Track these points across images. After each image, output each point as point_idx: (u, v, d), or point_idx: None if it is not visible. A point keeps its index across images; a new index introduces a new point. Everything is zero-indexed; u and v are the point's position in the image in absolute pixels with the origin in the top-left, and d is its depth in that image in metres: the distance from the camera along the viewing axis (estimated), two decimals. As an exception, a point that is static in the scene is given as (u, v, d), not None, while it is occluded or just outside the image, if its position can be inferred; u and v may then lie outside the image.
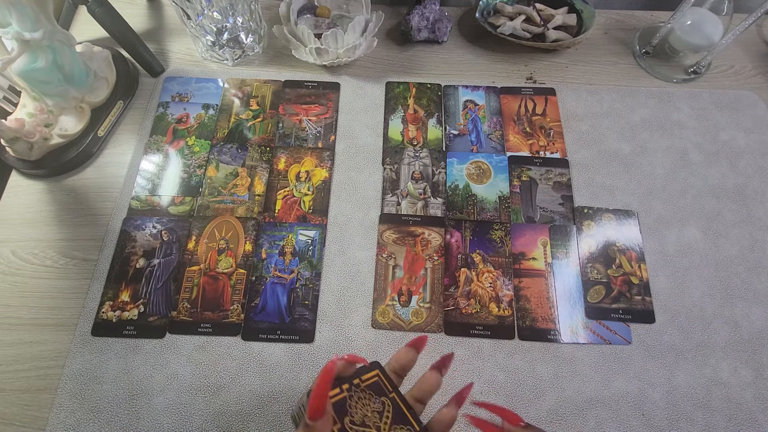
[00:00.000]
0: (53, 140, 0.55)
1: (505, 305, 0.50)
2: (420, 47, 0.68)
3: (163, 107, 0.61)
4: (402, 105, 0.62)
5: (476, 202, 0.56)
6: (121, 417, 0.45)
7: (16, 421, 0.45)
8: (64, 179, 0.57)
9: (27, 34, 0.48)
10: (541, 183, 0.57)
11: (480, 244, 0.53)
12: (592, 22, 0.65)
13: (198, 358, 0.47)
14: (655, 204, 0.56)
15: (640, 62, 0.67)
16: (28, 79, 0.52)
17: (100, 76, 0.59)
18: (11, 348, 0.48)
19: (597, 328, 0.50)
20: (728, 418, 0.46)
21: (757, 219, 0.56)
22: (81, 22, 0.68)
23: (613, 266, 0.53)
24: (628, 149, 0.60)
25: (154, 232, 0.53)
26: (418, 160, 0.58)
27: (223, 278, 0.51)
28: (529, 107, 0.63)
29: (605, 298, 0.51)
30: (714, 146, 0.60)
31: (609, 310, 0.50)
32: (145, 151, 0.58)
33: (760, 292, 0.52)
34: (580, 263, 0.53)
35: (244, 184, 0.56)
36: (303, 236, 0.53)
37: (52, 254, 0.52)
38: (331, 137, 0.60)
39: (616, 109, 0.63)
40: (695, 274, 0.52)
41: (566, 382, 0.47)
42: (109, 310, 0.49)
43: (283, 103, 0.62)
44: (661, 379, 0.47)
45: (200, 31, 0.61)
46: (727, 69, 0.67)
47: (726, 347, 0.49)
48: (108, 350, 0.48)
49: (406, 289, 0.51)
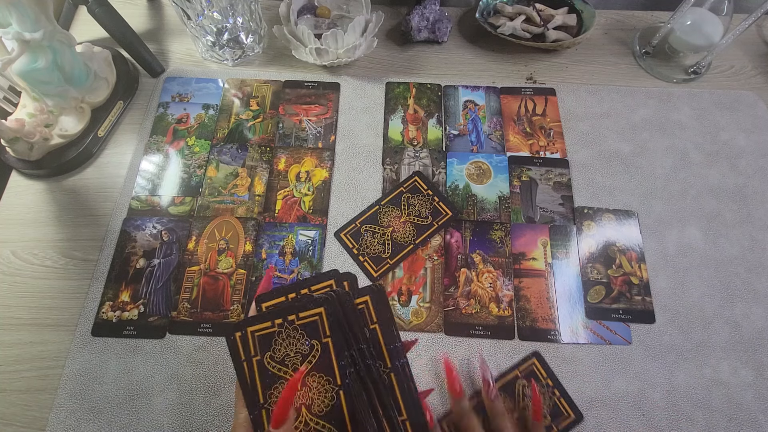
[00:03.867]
0: (53, 140, 0.55)
1: (505, 305, 0.50)
2: (420, 47, 0.68)
3: (163, 107, 0.61)
4: (402, 105, 0.62)
5: (476, 203, 0.56)
6: (121, 417, 0.45)
7: (16, 421, 0.45)
8: (64, 179, 0.57)
9: (27, 35, 0.48)
10: (541, 183, 0.57)
11: (480, 244, 0.53)
12: (592, 22, 0.65)
13: (198, 358, 0.47)
14: (655, 204, 0.56)
15: (640, 62, 0.67)
16: (28, 80, 0.52)
17: (100, 76, 0.59)
18: (11, 348, 0.48)
19: (597, 329, 0.50)
20: (728, 418, 0.46)
21: (757, 219, 0.56)
22: (81, 22, 0.68)
23: (613, 266, 0.53)
24: (628, 149, 0.60)
25: (154, 232, 0.53)
26: (418, 161, 0.58)
27: (223, 278, 0.51)
28: (529, 107, 0.63)
29: (605, 299, 0.51)
30: (714, 146, 0.60)
31: (609, 310, 0.50)
32: (145, 151, 0.58)
33: (760, 292, 0.52)
34: (580, 263, 0.53)
35: (244, 184, 0.56)
36: (303, 236, 0.53)
37: (52, 254, 0.52)
38: (331, 137, 0.60)
39: (616, 109, 0.63)
40: (695, 275, 0.52)
41: (566, 382, 0.47)
42: (109, 311, 0.49)
43: (283, 104, 0.62)
44: (661, 379, 0.47)
45: (200, 32, 0.61)
46: (727, 69, 0.67)
47: (726, 347, 0.49)
48: (108, 350, 0.48)
49: (406, 289, 0.51)
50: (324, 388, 0.29)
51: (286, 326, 0.30)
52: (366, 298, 0.31)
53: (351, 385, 0.29)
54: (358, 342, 0.30)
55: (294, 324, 0.30)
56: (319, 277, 0.32)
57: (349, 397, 0.29)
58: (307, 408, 0.29)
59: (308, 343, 0.30)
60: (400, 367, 0.30)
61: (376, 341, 0.30)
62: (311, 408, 0.29)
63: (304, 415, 0.29)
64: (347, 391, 0.29)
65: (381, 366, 0.30)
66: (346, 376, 0.29)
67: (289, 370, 0.29)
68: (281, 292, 0.32)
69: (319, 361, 0.29)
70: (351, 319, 0.30)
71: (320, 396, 0.29)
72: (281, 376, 0.29)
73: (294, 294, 0.31)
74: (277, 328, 0.30)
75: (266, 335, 0.30)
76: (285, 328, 0.30)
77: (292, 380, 0.28)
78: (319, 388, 0.29)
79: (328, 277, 0.32)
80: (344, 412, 0.29)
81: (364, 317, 0.31)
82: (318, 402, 0.29)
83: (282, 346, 0.30)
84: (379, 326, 0.30)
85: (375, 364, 0.30)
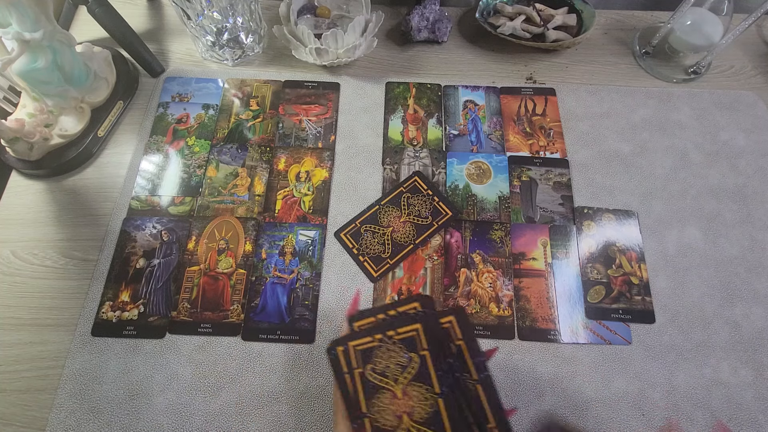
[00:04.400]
0: (53, 140, 0.55)
1: (505, 305, 0.50)
2: (420, 47, 0.68)
3: (163, 107, 0.61)
4: (402, 105, 0.62)
5: (476, 203, 0.56)
6: (121, 417, 0.45)
7: (16, 421, 0.45)
8: (64, 179, 0.57)
9: (27, 35, 0.48)
10: (541, 183, 0.57)
11: (480, 244, 0.53)
12: (592, 22, 0.65)
13: (198, 358, 0.47)
14: (655, 204, 0.56)
15: (640, 62, 0.67)
16: (28, 80, 0.52)
17: (100, 76, 0.59)
18: (11, 348, 0.48)
19: (597, 328, 0.50)
20: (728, 418, 0.46)
21: (757, 219, 0.56)
22: (81, 22, 0.68)
23: (613, 266, 0.53)
24: (628, 149, 0.60)
25: (154, 232, 0.53)
26: (418, 161, 0.58)
27: (223, 278, 0.51)
28: (529, 107, 0.63)
29: (605, 299, 0.51)
30: (714, 146, 0.60)
31: (609, 310, 0.50)
32: (145, 151, 0.58)
33: (760, 292, 0.52)
34: (580, 263, 0.53)
35: (244, 184, 0.56)
36: (303, 236, 0.53)
37: (52, 254, 0.52)
38: (331, 137, 0.60)
39: (616, 109, 0.63)
40: (695, 275, 0.52)
41: (566, 382, 0.47)
42: (109, 311, 0.49)
43: (283, 103, 0.62)
44: (661, 379, 0.47)
45: (200, 32, 0.61)
46: (727, 69, 0.67)
47: (726, 347, 0.49)
48: (108, 350, 0.48)
49: (406, 289, 0.51)
50: (424, 397, 0.31)
51: (386, 341, 0.32)
52: (450, 317, 0.33)
53: (448, 395, 0.31)
54: (447, 357, 0.32)
55: (393, 338, 0.32)
56: (403, 301, 0.35)
57: (448, 404, 0.31)
58: (408, 415, 0.31)
59: (407, 356, 0.32)
60: (485, 379, 0.32)
61: (461, 356, 0.33)
62: (412, 416, 0.31)
63: (406, 423, 0.31)
64: (446, 399, 0.31)
65: (468, 377, 0.32)
66: (444, 385, 0.31)
67: (390, 381, 0.32)
68: (372, 312, 0.35)
69: (418, 372, 0.32)
70: (440, 336, 0.33)
71: (420, 404, 0.31)
72: (382, 386, 0.32)
73: (382, 315, 0.34)
74: (377, 343, 0.32)
75: (367, 349, 0.32)
76: (385, 343, 0.32)
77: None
78: (419, 396, 0.31)
79: (412, 299, 0.35)
80: (443, 418, 0.31)
81: (449, 335, 0.33)
82: (419, 410, 0.31)
83: (382, 359, 0.32)
84: (465, 342, 0.33)
85: (463, 376, 0.32)
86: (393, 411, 0.31)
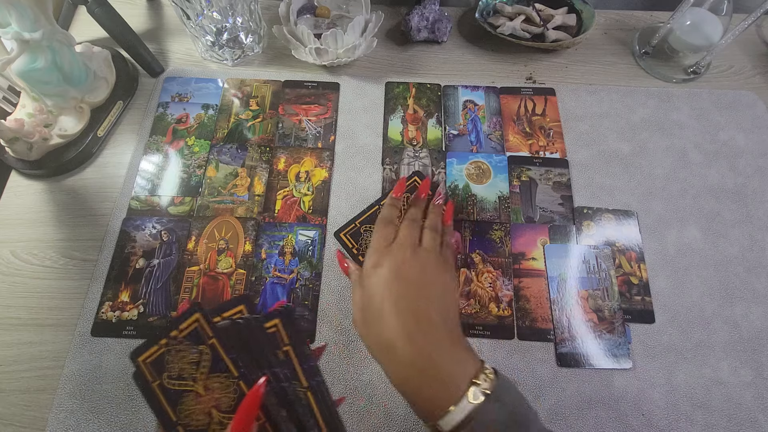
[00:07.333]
0: (53, 140, 0.55)
1: (505, 305, 0.50)
2: (420, 47, 0.68)
3: (163, 107, 0.61)
4: (402, 105, 0.62)
5: (476, 202, 0.56)
6: (121, 417, 0.45)
7: (16, 421, 0.45)
8: (64, 179, 0.57)
9: (26, 35, 0.48)
10: (541, 183, 0.57)
11: (480, 244, 0.53)
12: (591, 22, 0.65)
13: (198, 358, 0.47)
14: (655, 204, 0.56)
15: (640, 62, 0.67)
16: (28, 80, 0.52)
17: (100, 76, 0.59)
18: (11, 348, 0.48)
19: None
20: (728, 418, 0.46)
21: (756, 219, 0.56)
22: (81, 22, 0.68)
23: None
24: (627, 149, 0.60)
25: (153, 232, 0.53)
26: (418, 161, 0.58)
27: (223, 278, 0.51)
28: (529, 107, 0.63)
29: (605, 298, 0.51)
30: (713, 146, 0.60)
31: (609, 310, 0.50)
32: (144, 151, 0.58)
33: (760, 292, 0.52)
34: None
35: (243, 184, 0.56)
36: (303, 236, 0.53)
37: (51, 254, 0.52)
38: (330, 137, 0.60)
39: (616, 109, 0.63)
40: (695, 274, 0.52)
41: (566, 382, 0.47)
42: (109, 311, 0.49)
43: (282, 103, 0.62)
44: (661, 379, 0.47)
45: (200, 31, 0.61)
46: (727, 69, 0.67)
47: (726, 347, 0.49)
48: (108, 350, 0.48)
49: (406, 289, 0.51)
50: (225, 385, 0.30)
51: (172, 343, 0.30)
52: (276, 321, 0.32)
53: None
54: (271, 366, 0.31)
55: (177, 338, 0.31)
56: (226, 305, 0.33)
57: (249, 383, 0.30)
58: (216, 408, 0.30)
59: (195, 351, 0.30)
60: (316, 386, 0.31)
61: (290, 363, 0.31)
62: (220, 407, 0.30)
63: (216, 416, 0.30)
64: (246, 380, 0.30)
65: (297, 385, 0.31)
66: (241, 366, 0.30)
67: (188, 382, 0.30)
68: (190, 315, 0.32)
69: (212, 362, 0.30)
70: (262, 343, 0.31)
71: (225, 394, 0.30)
72: (184, 389, 0.30)
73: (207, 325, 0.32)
74: (164, 348, 0.30)
75: (157, 359, 0.30)
76: (171, 345, 0.30)
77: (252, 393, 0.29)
78: (221, 387, 0.30)
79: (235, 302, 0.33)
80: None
81: (275, 340, 0.32)
82: (225, 399, 0.30)
83: (174, 362, 0.30)
84: (292, 347, 0.31)
85: (290, 385, 0.31)
86: (201, 410, 0.30)
